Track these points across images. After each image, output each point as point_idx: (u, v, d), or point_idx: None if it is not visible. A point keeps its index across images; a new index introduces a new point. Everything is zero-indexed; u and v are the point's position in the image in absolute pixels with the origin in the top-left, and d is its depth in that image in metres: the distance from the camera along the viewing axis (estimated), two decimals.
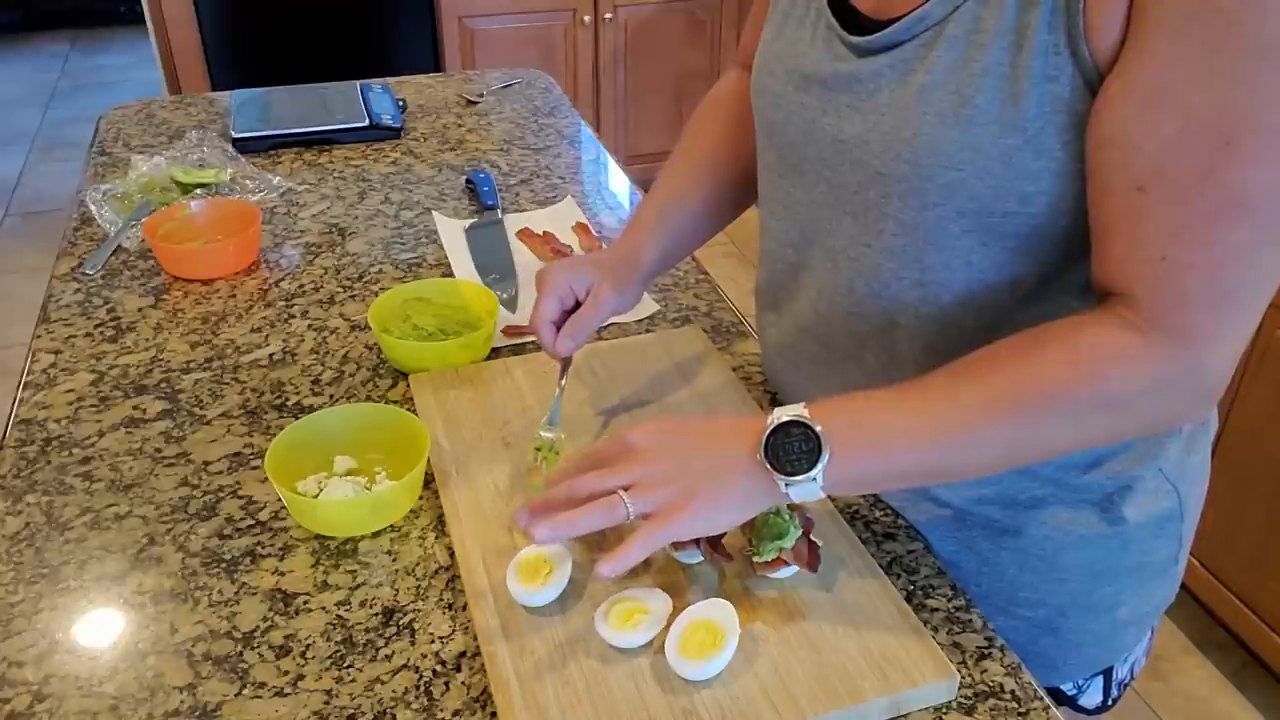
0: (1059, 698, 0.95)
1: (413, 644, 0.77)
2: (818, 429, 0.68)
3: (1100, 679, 0.95)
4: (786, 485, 0.68)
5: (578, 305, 0.92)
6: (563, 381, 0.96)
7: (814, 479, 0.68)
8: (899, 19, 0.71)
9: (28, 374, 1.09)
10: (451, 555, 0.85)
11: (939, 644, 0.75)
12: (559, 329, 0.91)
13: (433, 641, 0.78)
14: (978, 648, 0.77)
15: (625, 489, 0.70)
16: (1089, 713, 0.97)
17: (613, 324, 1.17)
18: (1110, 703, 0.97)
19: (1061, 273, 0.73)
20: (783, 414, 0.69)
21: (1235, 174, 0.61)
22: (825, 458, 0.68)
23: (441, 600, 0.81)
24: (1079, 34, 0.63)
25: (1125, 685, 0.98)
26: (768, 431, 0.69)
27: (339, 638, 0.78)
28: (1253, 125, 0.60)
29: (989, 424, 0.68)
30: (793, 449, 0.68)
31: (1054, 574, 0.86)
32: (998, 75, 0.66)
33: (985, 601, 0.87)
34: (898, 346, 0.81)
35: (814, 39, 0.79)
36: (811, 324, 0.87)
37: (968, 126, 0.68)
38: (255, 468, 0.95)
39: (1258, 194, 0.61)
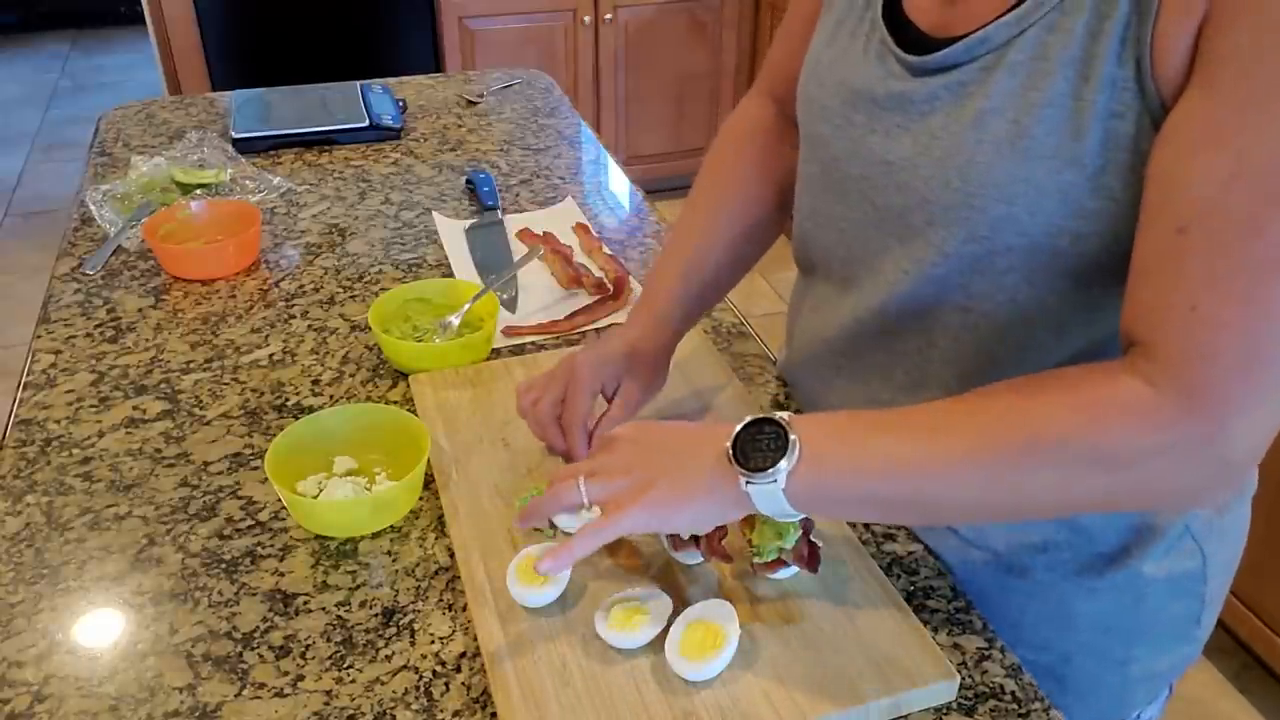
0: None
1: (413, 644, 0.77)
2: (789, 428, 0.65)
3: None
4: (746, 483, 0.65)
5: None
6: None
7: (774, 480, 0.64)
8: (959, 39, 0.68)
9: (28, 374, 1.09)
10: (451, 555, 0.85)
11: (939, 645, 0.75)
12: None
13: (433, 642, 0.78)
14: (978, 649, 0.77)
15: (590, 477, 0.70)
16: None
17: (613, 324, 1.16)
18: None
19: (1109, 315, 0.68)
20: (761, 415, 0.68)
21: None
22: (792, 457, 0.64)
23: (441, 601, 0.81)
24: (1147, 68, 0.60)
25: None
26: (740, 425, 0.67)
27: (339, 638, 0.78)
28: None
29: (970, 460, 0.63)
30: (761, 445, 0.66)
31: (1061, 620, 0.82)
32: (1060, 107, 0.63)
33: None
34: (930, 368, 0.78)
35: (866, 52, 0.76)
36: (846, 336, 0.84)
37: (1024, 158, 0.65)
38: (255, 468, 0.95)
39: None
